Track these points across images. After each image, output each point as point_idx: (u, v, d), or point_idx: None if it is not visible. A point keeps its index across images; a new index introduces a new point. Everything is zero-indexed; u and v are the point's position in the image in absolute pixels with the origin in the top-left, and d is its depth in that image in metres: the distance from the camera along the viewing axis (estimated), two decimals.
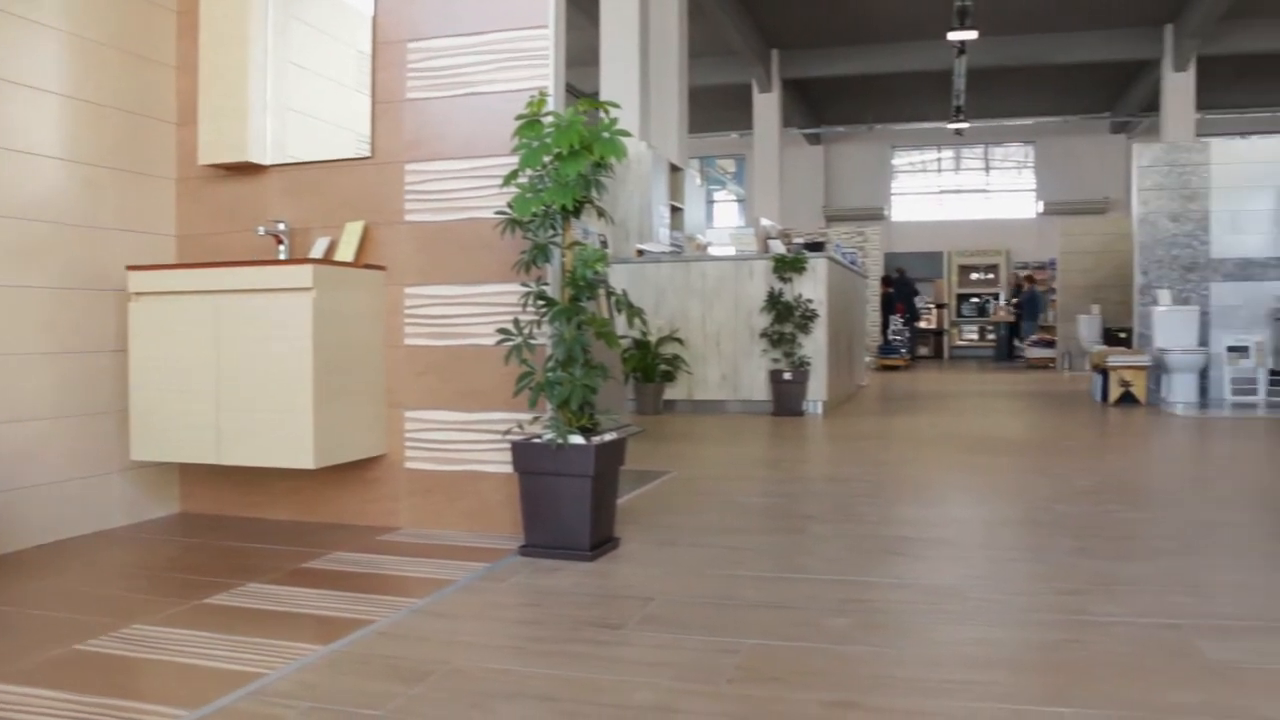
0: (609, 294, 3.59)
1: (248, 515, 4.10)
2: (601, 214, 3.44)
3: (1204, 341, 9.67)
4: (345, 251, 3.83)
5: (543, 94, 3.44)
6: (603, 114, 3.42)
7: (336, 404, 3.56)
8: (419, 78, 3.84)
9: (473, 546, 3.53)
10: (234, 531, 3.83)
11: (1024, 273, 22.06)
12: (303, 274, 3.45)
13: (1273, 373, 9.28)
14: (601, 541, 3.41)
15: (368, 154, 3.91)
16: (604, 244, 7.92)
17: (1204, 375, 9.61)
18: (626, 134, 3.35)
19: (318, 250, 3.91)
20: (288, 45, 4.00)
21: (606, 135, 3.28)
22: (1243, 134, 20.53)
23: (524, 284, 3.49)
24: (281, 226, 3.95)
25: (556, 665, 2.33)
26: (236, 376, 3.51)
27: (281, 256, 3.93)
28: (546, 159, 3.31)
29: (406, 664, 2.33)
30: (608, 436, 3.40)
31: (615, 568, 3.26)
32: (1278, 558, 3.37)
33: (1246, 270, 9.69)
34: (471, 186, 3.75)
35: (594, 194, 3.35)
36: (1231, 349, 9.47)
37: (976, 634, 2.60)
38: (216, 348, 3.54)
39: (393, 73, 3.87)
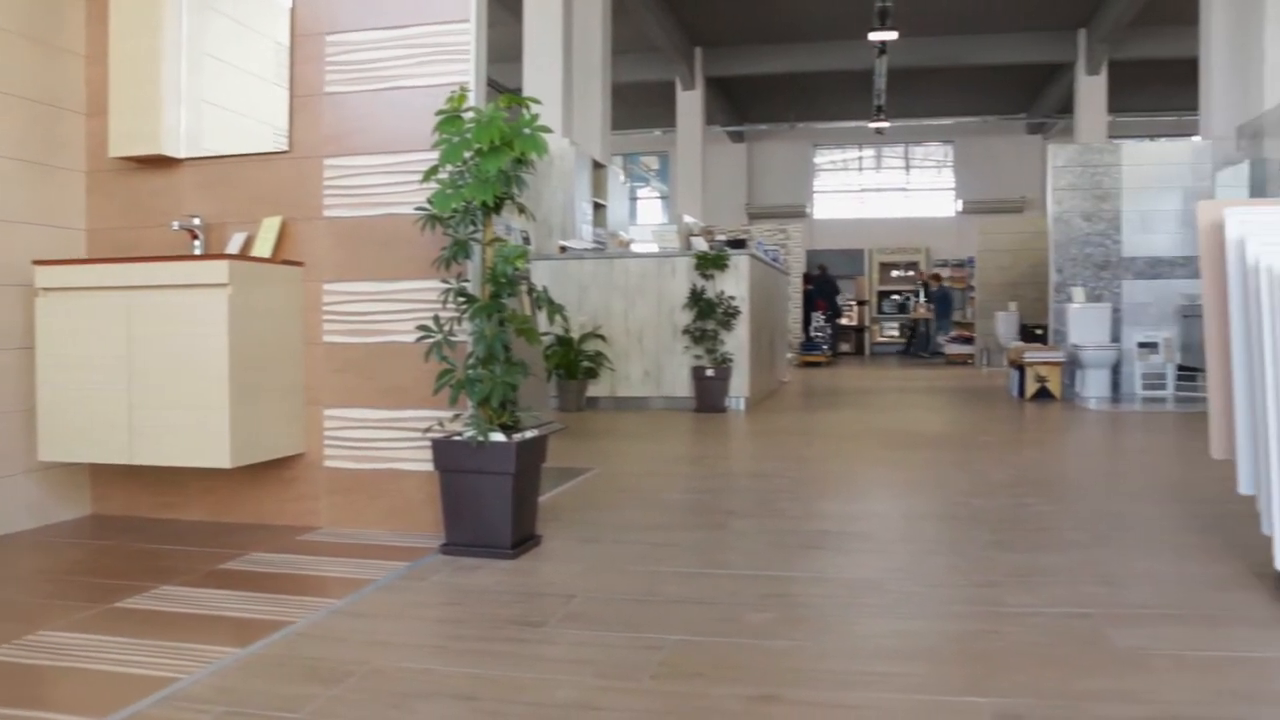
0: (530, 291, 3.57)
1: (162, 516, 4.02)
2: (522, 210, 3.42)
3: (1116, 338, 9.90)
4: (262, 247, 3.77)
5: (463, 89, 3.41)
6: (524, 110, 3.41)
7: (253, 402, 3.50)
8: (338, 71, 3.79)
9: (393, 545, 3.50)
10: (147, 533, 3.75)
11: (930, 271, 22.39)
12: (218, 270, 3.39)
13: (1181, 368, 9.53)
14: (523, 539, 3.40)
15: (286, 148, 3.84)
16: (526, 240, 7.88)
17: (1116, 371, 9.84)
18: (547, 130, 3.34)
19: (234, 246, 3.84)
20: (203, 35, 3.92)
21: (527, 131, 3.27)
22: (1152, 136, 21.08)
23: (444, 280, 3.47)
24: (196, 221, 3.87)
25: (477, 664, 2.32)
26: (149, 374, 3.44)
27: (196, 252, 3.85)
28: (467, 155, 3.29)
29: (325, 665, 2.30)
30: (529, 434, 3.39)
31: (537, 565, 3.25)
32: (1185, 548, 3.46)
33: (1156, 269, 9.94)
34: (392, 182, 3.71)
35: (515, 190, 3.34)
36: (1142, 345, 9.71)
37: (896, 626, 2.64)
38: (129, 345, 3.46)
39: (311, 66, 3.82)
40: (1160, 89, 19.19)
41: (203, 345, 3.38)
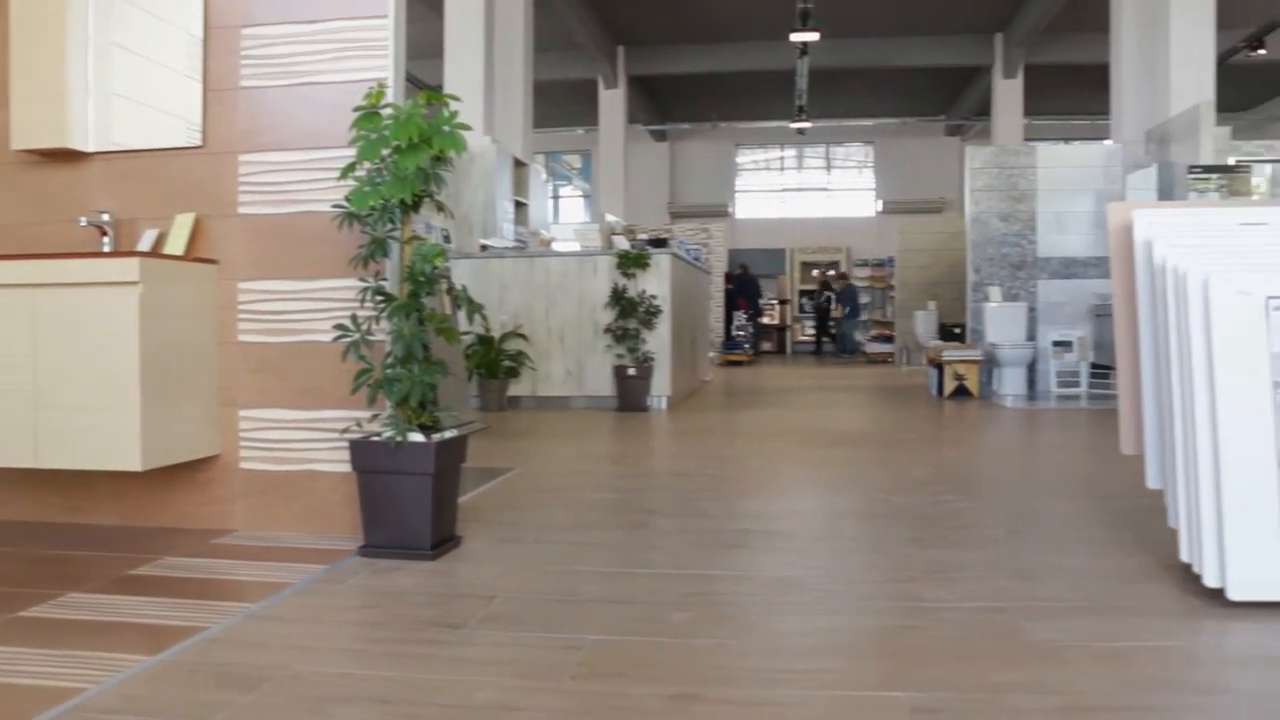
0: (450, 289, 3.54)
1: (70, 521, 3.90)
2: (441, 208, 3.39)
3: (1032, 336, 10.10)
4: (175, 244, 3.69)
5: (381, 85, 3.37)
6: (443, 107, 3.38)
7: (165, 403, 3.42)
8: (254, 65, 3.72)
9: (310, 548, 3.44)
10: (54, 539, 3.64)
11: (834, 271, 22.62)
12: (129, 267, 3.30)
13: (1094, 366, 9.75)
14: (443, 540, 3.37)
15: (199, 143, 3.76)
16: (447, 239, 7.81)
17: (1032, 369, 10.04)
18: (467, 127, 3.31)
19: (145, 243, 3.75)
20: (111, 25, 3.82)
21: (446, 129, 3.24)
22: (1066, 139, 21.52)
23: (362, 279, 3.42)
24: (106, 217, 3.77)
25: (396, 667, 2.29)
26: (56, 375, 3.34)
27: (106, 249, 3.76)
28: (385, 152, 3.25)
29: (240, 671, 2.26)
30: (448, 434, 3.36)
31: (457, 566, 3.22)
32: (1097, 542, 3.54)
33: (1070, 269, 10.16)
34: (308, 179, 3.65)
35: (434, 188, 3.30)
36: (1057, 344, 9.91)
37: (816, 623, 2.66)
38: (34, 345, 3.35)
39: (225, 59, 3.74)
40: (1074, 93, 19.61)
41: (112, 345, 3.29)
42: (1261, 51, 15.87)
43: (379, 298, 3.31)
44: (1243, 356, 2.75)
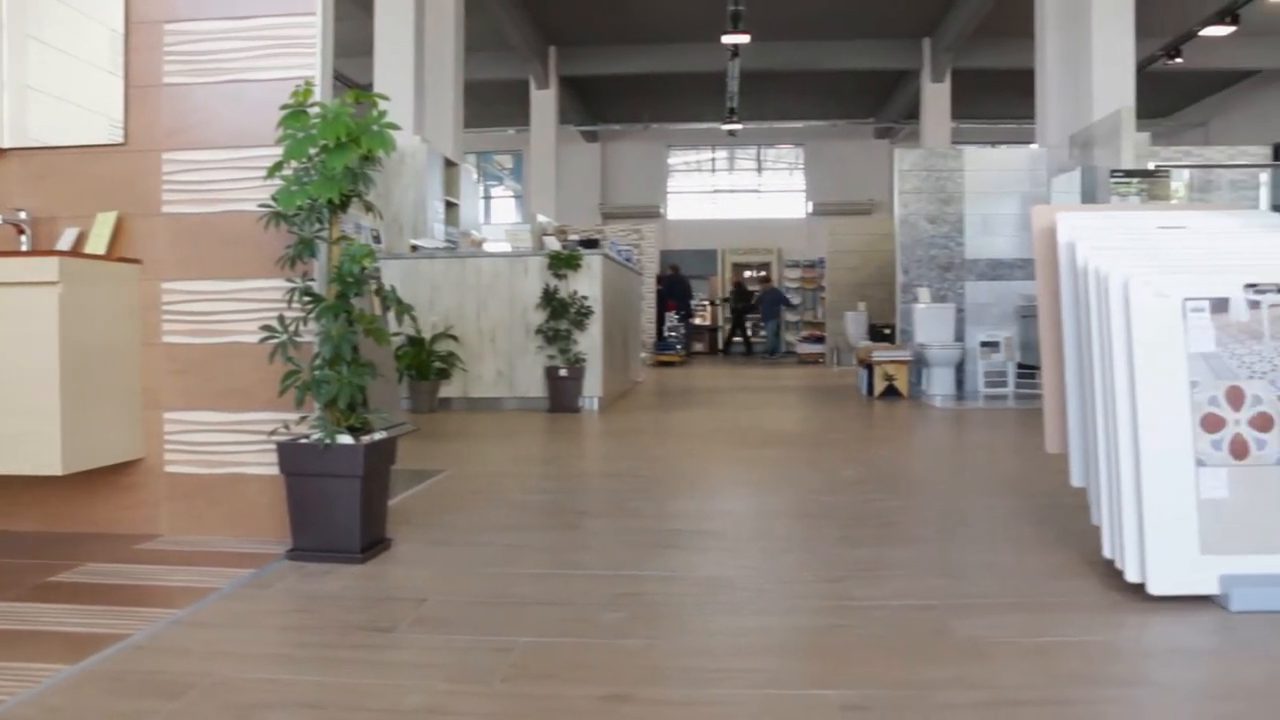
0: (378, 290, 3.51)
1: None
2: (370, 208, 3.36)
3: (960, 337, 10.25)
4: (96, 244, 3.61)
5: (309, 84, 3.33)
6: (372, 106, 3.34)
7: (86, 405, 3.34)
8: (178, 62, 3.65)
9: (238, 552, 3.38)
10: None
11: (746, 274, 22.73)
12: (48, 267, 3.22)
13: (1021, 366, 9.91)
14: (373, 543, 3.33)
15: (121, 140, 3.68)
16: (377, 239, 7.73)
17: (960, 369, 10.18)
18: (396, 127, 3.28)
19: (65, 242, 3.66)
20: (27, 18, 3.72)
21: (375, 128, 3.21)
22: (993, 143, 21.86)
23: (289, 280, 3.37)
24: (23, 215, 3.68)
25: (325, 671, 2.26)
26: None
27: (23, 248, 3.66)
28: (312, 151, 3.20)
29: (165, 678, 2.21)
30: (378, 435, 3.33)
31: (387, 569, 3.19)
32: (1023, 540, 3.60)
33: (997, 270, 10.33)
34: (234, 178, 3.59)
35: (362, 188, 3.27)
36: (984, 344, 10.06)
37: (747, 623, 2.67)
38: None
39: (148, 55, 3.67)
40: (1001, 98, 19.93)
41: (31, 346, 3.21)
42: (1178, 60, 16.28)
43: (307, 298, 3.27)
44: (1161, 357, 2.81)
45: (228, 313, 3.59)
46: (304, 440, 3.23)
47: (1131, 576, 2.80)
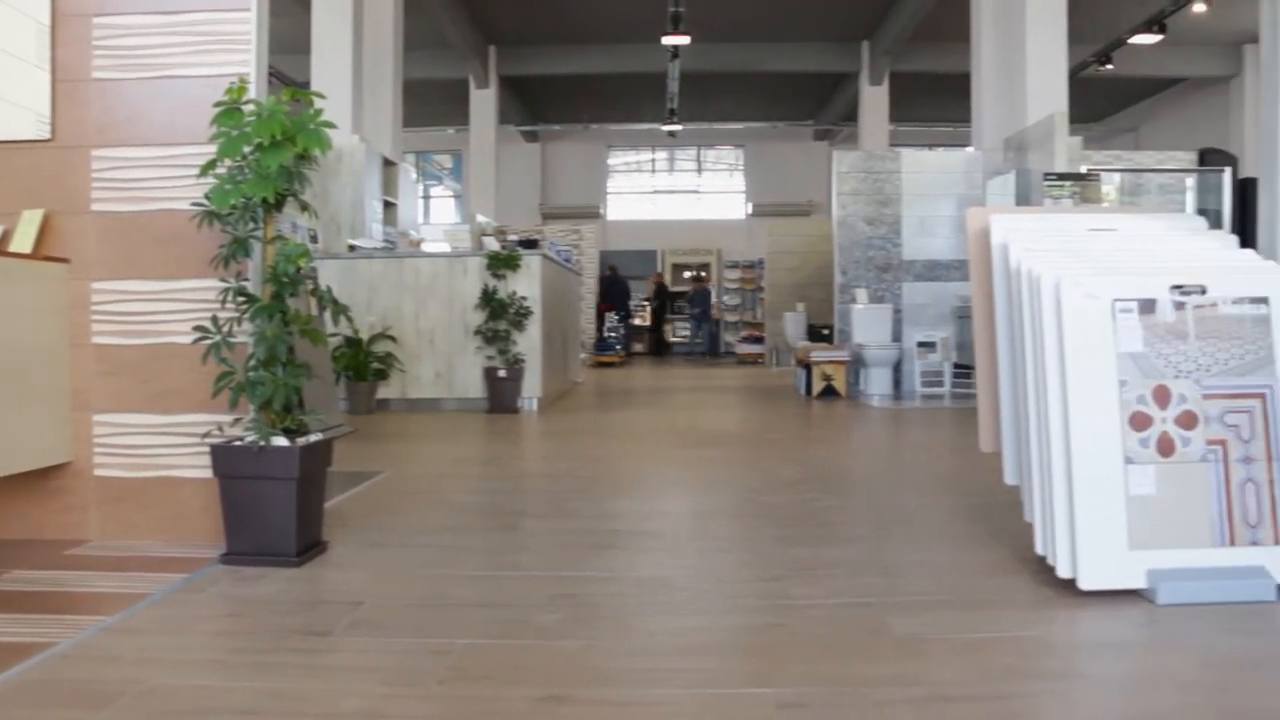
0: (314, 290, 3.47)
1: None
2: (306, 208, 3.32)
3: (897, 337, 10.36)
4: (21, 242, 3.52)
5: (243, 81, 3.28)
6: (307, 104, 3.31)
7: (11, 407, 3.26)
8: (107, 56, 3.58)
9: (170, 557, 3.32)
10: None
11: (687, 274, 22.80)
12: None
13: (957, 366, 10.04)
14: (309, 546, 3.30)
15: (48, 136, 3.61)
16: (314, 239, 7.64)
17: (897, 369, 10.29)
18: (332, 125, 3.25)
19: None
20: None
21: (311, 126, 3.17)
22: (930, 146, 22.11)
23: (223, 280, 3.31)
24: None
25: (260, 677, 2.23)
26: None
27: None
28: (247, 149, 3.16)
29: (93, 688, 2.17)
30: (313, 437, 3.29)
31: (323, 573, 3.16)
32: (958, 537, 3.65)
33: (933, 271, 10.46)
34: (167, 176, 3.53)
35: (297, 187, 3.23)
36: (921, 344, 10.18)
37: (685, 622, 2.68)
38: None
39: (76, 49, 3.59)
40: (938, 101, 20.14)
41: None
42: (1109, 67, 16.59)
43: (241, 299, 3.22)
44: (1091, 357, 2.86)
45: (160, 313, 3.52)
46: (238, 442, 3.19)
47: (1063, 572, 2.85)
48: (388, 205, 11.23)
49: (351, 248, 9.26)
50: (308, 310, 3.49)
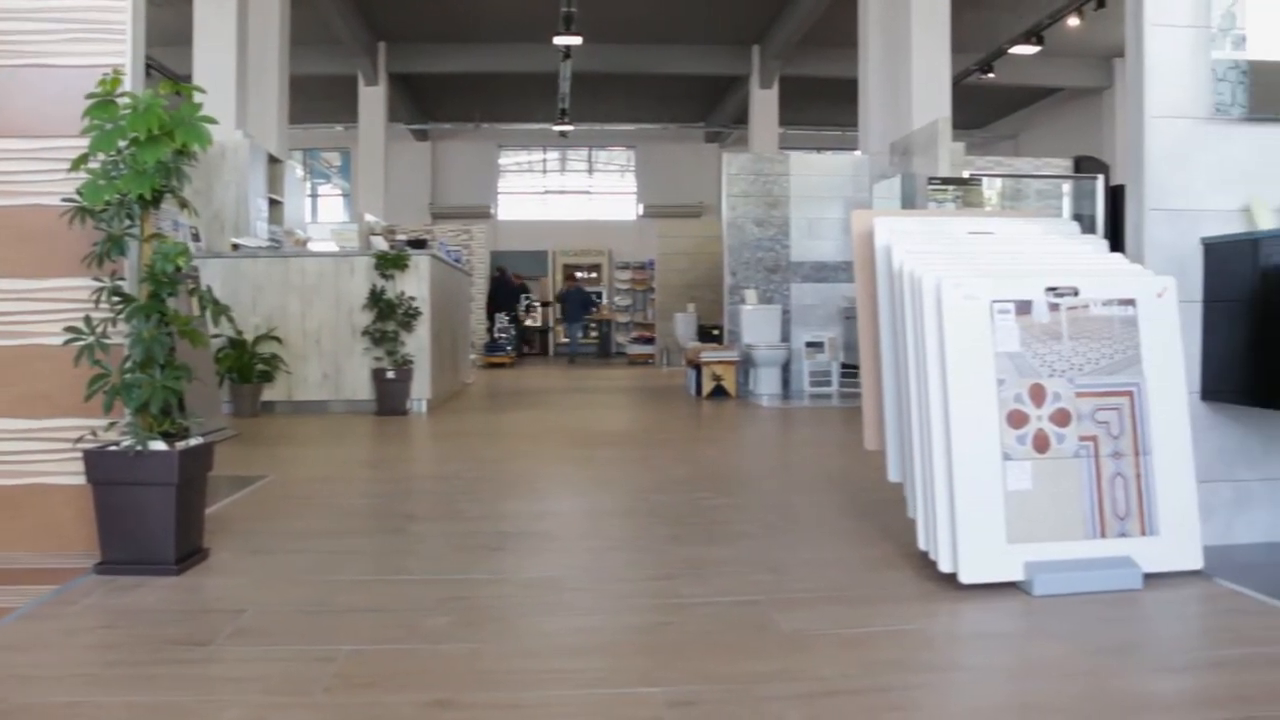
0: (194, 290, 3.37)
1: None
2: (185, 205, 3.23)
3: (786, 338, 10.49)
4: None
5: (117, 72, 3.17)
6: (186, 98, 3.21)
7: None
8: None
9: (40, 568, 3.19)
10: None
11: (579, 274, 22.86)
12: None
13: (844, 366, 10.21)
14: (189, 553, 3.20)
15: None
16: (196, 237, 7.46)
17: (786, 369, 10.42)
18: (212, 120, 3.16)
19: None
20: None
21: (190, 121, 3.09)
22: (819, 149, 22.45)
23: (97, 279, 3.20)
24: None
25: (136, 690, 2.16)
26: None
27: None
28: (122, 143, 3.06)
29: None
30: (194, 441, 3.20)
31: (204, 580, 3.07)
32: (844, 534, 3.71)
33: (821, 273, 10.62)
34: (35, 169, 3.39)
35: (175, 183, 3.14)
36: (809, 344, 10.33)
37: (575, 623, 2.68)
38: None
39: None
40: (826, 105, 20.45)
41: None
42: (991, 75, 17.07)
43: (116, 299, 3.12)
44: (971, 357, 2.94)
45: (27, 313, 3.39)
46: (113, 448, 3.08)
47: (944, 567, 2.92)
48: (273, 203, 11.00)
49: (235, 246, 9.05)
50: (188, 311, 3.40)
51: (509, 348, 18.32)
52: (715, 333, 13.78)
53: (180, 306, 3.28)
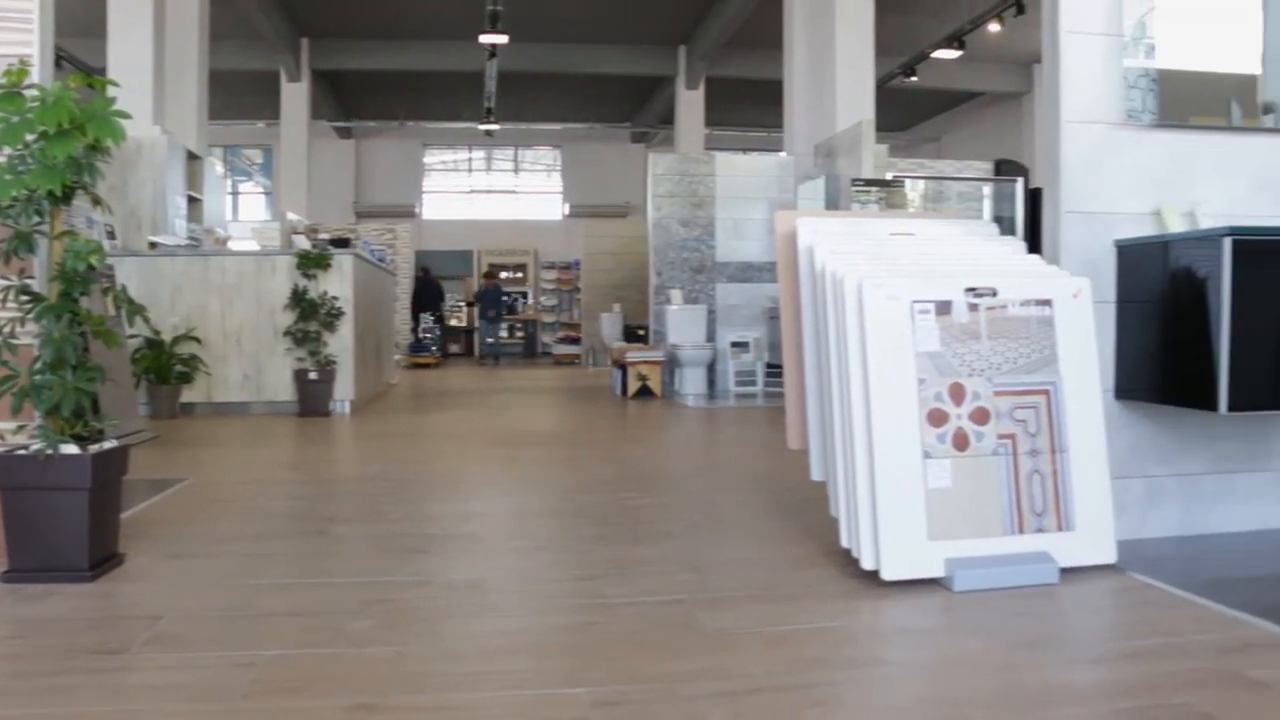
0: (108, 289, 3.30)
1: None
2: (98, 202, 3.15)
3: (711, 338, 10.54)
4: None
5: (24, 63, 3.08)
6: (99, 91, 3.14)
7: None
8: None
9: None
10: None
11: (504, 274, 22.80)
12: None
13: (769, 365, 10.28)
14: (103, 559, 3.13)
15: None
16: (111, 235, 7.30)
17: (712, 369, 10.48)
18: (125, 115, 3.09)
19: None
20: None
21: (103, 115, 3.01)
22: (745, 150, 22.59)
23: (4, 277, 3.11)
24: None
25: (47, 702, 2.10)
26: None
27: None
28: (30, 137, 2.98)
29: None
30: (108, 444, 3.13)
31: (119, 587, 3.00)
32: (768, 533, 3.73)
33: (746, 273, 10.69)
34: None
35: (88, 179, 3.06)
36: (734, 344, 10.39)
37: (499, 625, 2.66)
38: None
39: None
40: (752, 106, 20.59)
41: None
42: (914, 79, 17.31)
43: (25, 298, 3.03)
44: (892, 356, 2.97)
45: None
46: (22, 451, 3.00)
47: (867, 564, 2.95)
48: (192, 201, 10.81)
49: (153, 245, 8.87)
50: (103, 310, 3.32)
51: (434, 348, 18.19)
52: (641, 333, 13.81)
53: (94, 306, 3.20)
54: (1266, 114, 3.58)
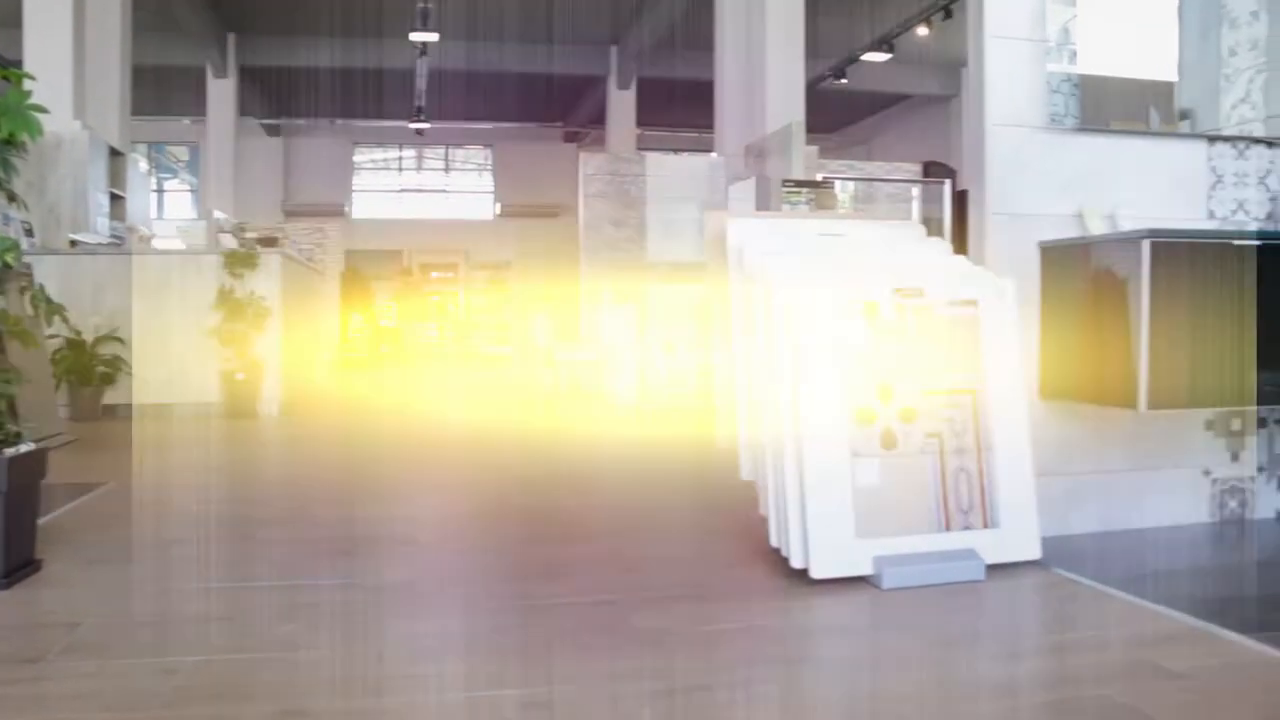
0: (26, 288, 3.22)
1: None
2: (13, 199, 3.08)
3: (642, 337, 10.53)
4: None
5: None
6: (14, 85, 3.07)
7: None
8: None
9: None
10: None
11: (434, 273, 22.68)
12: None
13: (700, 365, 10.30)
14: (19, 566, 3.04)
15: None
16: (29, 232, 7.13)
17: (643, 369, 10.47)
18: (42, 109, 3.02)
19: None
20: None
21: (18, 109, 2.94)
22: (676, 150, 22.63)
23: None
24: None
25: None
26: None
27: None
28: None
29: None
30: (24, 447, 3.05)
31: (35, 594, 2.93)
32: (699, 533, 3.76)
33: (677, 273, 10.69)
34: None
35: (3, 175, 2.99)
36: (665, 344, 10.39)
37: (428, 627, 2.65)
38: None
39: None
40: (684, 107, 20.63)
41: None
42: (844, 81, 17.50)
43: None
44: (820, 356, 3.00)
45: None
46: None
47: (796, 563, 2.97)
48: (115, 198, 10.59)
49: (74, 243, 8.68)
50: (20, 310, 3.24)
51: (364, 348, 18.00)
52: (572, 332, 13.76)
53: (11, 306, 3.13)
54: (1183, 120, 3.67)
